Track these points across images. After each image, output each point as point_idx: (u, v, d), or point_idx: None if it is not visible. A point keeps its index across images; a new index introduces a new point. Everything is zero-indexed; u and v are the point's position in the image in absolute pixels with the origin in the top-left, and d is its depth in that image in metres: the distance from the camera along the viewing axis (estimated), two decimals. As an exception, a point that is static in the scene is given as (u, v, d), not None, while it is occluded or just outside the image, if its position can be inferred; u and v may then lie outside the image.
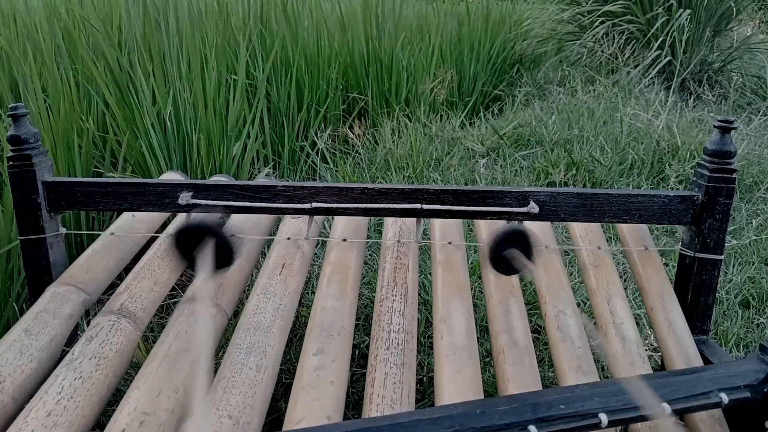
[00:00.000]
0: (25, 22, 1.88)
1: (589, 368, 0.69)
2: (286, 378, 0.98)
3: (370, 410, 0.58)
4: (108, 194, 0.79)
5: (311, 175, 2.02)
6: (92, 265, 0.79)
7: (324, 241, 1.25)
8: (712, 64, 2.97)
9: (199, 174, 1.54)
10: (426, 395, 0.99)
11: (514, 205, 0.80)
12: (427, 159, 1.93)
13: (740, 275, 1.36)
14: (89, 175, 1.43)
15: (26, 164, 0.77)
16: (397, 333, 0.69)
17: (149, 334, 1.12)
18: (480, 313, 1.18)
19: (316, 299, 0.74)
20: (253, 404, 0.58)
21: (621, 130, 2.04)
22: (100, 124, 1.58)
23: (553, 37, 3.24)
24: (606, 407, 0.54)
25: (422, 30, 2.80)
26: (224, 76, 1.81)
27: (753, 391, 0.60)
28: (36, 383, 0.62)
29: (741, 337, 1.19)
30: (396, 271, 0.80)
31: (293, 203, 0.80)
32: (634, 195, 0.80)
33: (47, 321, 0.69)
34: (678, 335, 0.75)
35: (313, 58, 2.20)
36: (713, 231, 0.79)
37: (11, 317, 1.08)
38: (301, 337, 1.07)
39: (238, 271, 0.81)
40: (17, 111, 0.77)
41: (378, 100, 2.34)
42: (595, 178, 1.83)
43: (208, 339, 0.45)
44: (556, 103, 2.45)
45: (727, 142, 0.78)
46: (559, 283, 0.81)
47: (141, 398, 0.57)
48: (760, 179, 1.86)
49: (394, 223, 0.92)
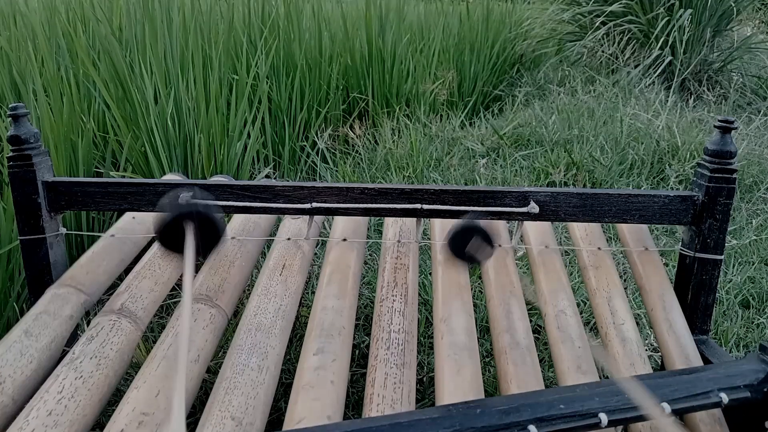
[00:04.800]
0: (26, 21, 1.88)
1: (589, 368, 0.69)
2: (286, 378, 0.98)
3: (370, 410, 0.58)
4: (108, 194, 0.79)
5: (311, 175, 2.02)
6: (92, 267, 0.79)
7: (324, 241, 1.25)
8: (713, 64, 2.97)
9: (199, 174, 1.54)
10: (426, 395, 1.00)
11: (514, 205, 0.80)
12: (427, 159, 1.93)
13: (740, 275, 1.36)
14: (90, 175, 1.43)
15: (26, 164, 0.77)
16: (397, 333, 0.69)
17: (149, 334, 1.12)
18: (480, 313, 1.18)
19: (316, 299, 0.74)
20: (255, 405, 0.58)
21: (621, 130, 2.04)
22: (100, 124, 1.58)
23: (553, 37, 3.24)
24: (606, 407, 0.54)
25: (423, 30, 2.80)
26: (226, 75, 1.81)
27: (753, 391, 0.60)
28: (36, 384, 0.62)
29: (741, 337, 1.19)
30: (396, 271, 0.80)
31: (293, 203, 0.80)
32: (634, 195, 0.80)
33: (47, 322, 0.69)
34: (678, 335, 0.75)
35: (315, 58, 2.20)
36: (713, 231, 0.79)
37: (11, 317, 1.09)
38: (301, 337, 1.07)
39: (238, 272, 0.81)
40: (17, 111, 0.77)
41: (378, 100, 2.34)
42: (595, 178, 1.83)
43: (186, 340, 0.45)
44: (556, 103, 2.45)
45: (727, 142, 0.78)
46: (559, 283, 0.81)
47: (140, 398, 0.57)
48: (760, 179, 1.86)
49: (394, 223, 0.92)
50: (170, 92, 1.51)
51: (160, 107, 1.48)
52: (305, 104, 2.11)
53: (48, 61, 1.57)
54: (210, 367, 0.95)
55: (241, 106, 1.65)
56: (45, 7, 1.98)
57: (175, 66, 1.59)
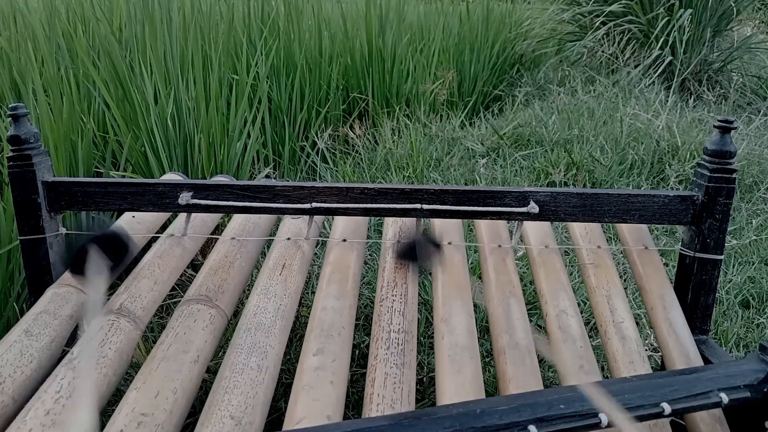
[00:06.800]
0: (26, 21, 1.88)
1: (590, 368, 0.69)
2: (286, 378, 0.98)
3: (370, 410, 0.58)
4: (108, 194, 0.79)
5: (311, 175, 2.02)
6: (92, 265, 0.79)
7: (324, 241, 1.25)
8: (712, 64, 2.97)
9: (199, 174, 1.54)
10: (426, 395, 1.00)
11: (514, 205, 0.80)
12: (427, 159, 1.93)
13: (740, 275, 1.36)
14: (90, 175, 1.43)
15: (26, 164, 0.77)
16: (397, 333, 0.69)
17: (149, 334, 1.12)
18: (480, 313, 1.18)
19: (316, 299, 0.74)
20: (254, 404, 0.58)
21: (621, 130, 2.04)
22: (100, 124, 1.58)
23: (553, 37, 3.24)
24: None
25: (423, 30, 2.80)
26: (226, 75, 1.81)
27: (753, 391, 0.60)
28: (36, 384, 0.62)
29: (741, 337, 1.19)
30: (396, 271, 0.80)
31: (293, 203, 0.80)
32: (634, 195, 0.80)
33: (47, 322, 0.69)
34: (678, 335, 0.75)
35: (315, 58, 2.20)
36: (713, 231, 0.79)
37: (11, 317, 1.08)
38: (301, 337, 1.07)
39: (237, 272, 0.81)
40: (17, 111, 0.77)
41: (378, 100, 2.34)
42: (595, 178, 1.83)
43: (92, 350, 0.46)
44: (556, 103, 2.45)
45: (727, 142, 0.78)
46: (559, 283, 0.81)
47: (139, 399, 0.57)
48: (760, 179, 1.86)
49: (394, 223, 0.92)
50: (170, 92, 1.51)
51: (160, 107, 1.48)
52: (305, 104, 2.11)
53: (48, 61, 1.57)
54: (210, 367, 0.95)
55: (241, 106, 1.65)
56: (45, 7, 1.98)
57: (175, 66, 1.59)
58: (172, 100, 1.49)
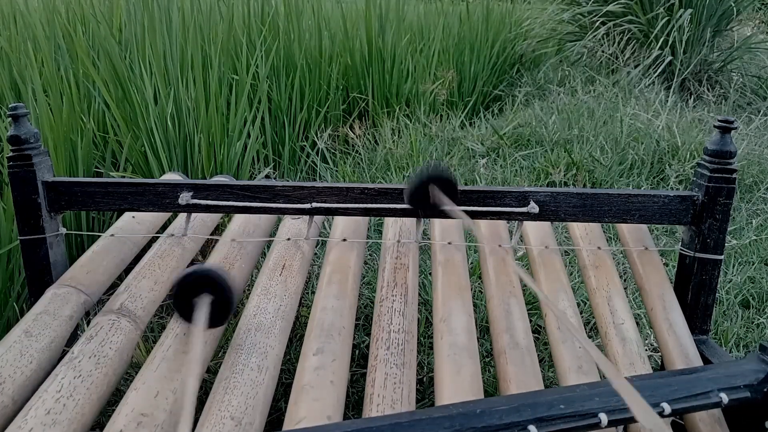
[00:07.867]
0: (26, 21, 1.88)
1: (589, 368, 0.69)
2: (286, 378, 0.98)
3: (371, 410, 0.58)
4: (108, 194, 0.79)
5: (311, 175, 2.02)
6: (92, 267, 0.79)
7: (324, 241, 1.25)
8: (712, 64, 2.97)
9: (199, 174, 1.54)
10: (426, 395, 1.00)
11: (514, 205, 0.80)
12: (427, 159, 1.93)
13: (740, 275, 1.36)
14: (90, 175, 1.43)
15: (26, 164, 0.77)
16: (397, 333, 0.69)
17: (149, 334, 1.12)
18: (480, 313, 1.18)
19: (316, 299, 0.74)
20: (254, 405, 0.58)
21: (621, 130, 2.04)
22: (100, 124, 1.58)
23: (553, 38, 3.24)
24: (606, 407, 0.54)
25: (423, 30, 2.80)
26: (225, 75, 1.81)
27: (753, 391, 0.60)
28: (36, 384, 0.62)
29: (741, 337, 1.19)
30: (396, 271, 0.80)
31: (293, 203, 0.80)
32: (634, 195, 0.80)
33: (47, 322, 0.69)
34: (678, 335, 0.75)
35: (315, 58, 2.20)
36: (713, 231, 0.79)
37: (11, 317, 1.08)
38: (301, 337, 1.07)
39: (237, 272, 0.81)
40: (17, 111, 0.77)
41: (378, 100, 2.34)
42: (595, 178, 1.83)
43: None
44: (556, 103, 2.45)
45: (727, 142, 0.78)
46: (559, 283, 0.81)
47: (139, 399, 0.57)
48: (760, 179, 1.86)
49: (394, 223, 0.92)
50: (170, 92, 1.51)
51: (160, 107, 1.48)
52: (305, 104, 2.11)
53: (48, 61, 1.57)
54: (210, 367, 0.95)
55: (240, 106, 1.65)
56: (45, 7, 1.98)
57: (175, 66, 1.59)
58: (171, 100, 1.49)
